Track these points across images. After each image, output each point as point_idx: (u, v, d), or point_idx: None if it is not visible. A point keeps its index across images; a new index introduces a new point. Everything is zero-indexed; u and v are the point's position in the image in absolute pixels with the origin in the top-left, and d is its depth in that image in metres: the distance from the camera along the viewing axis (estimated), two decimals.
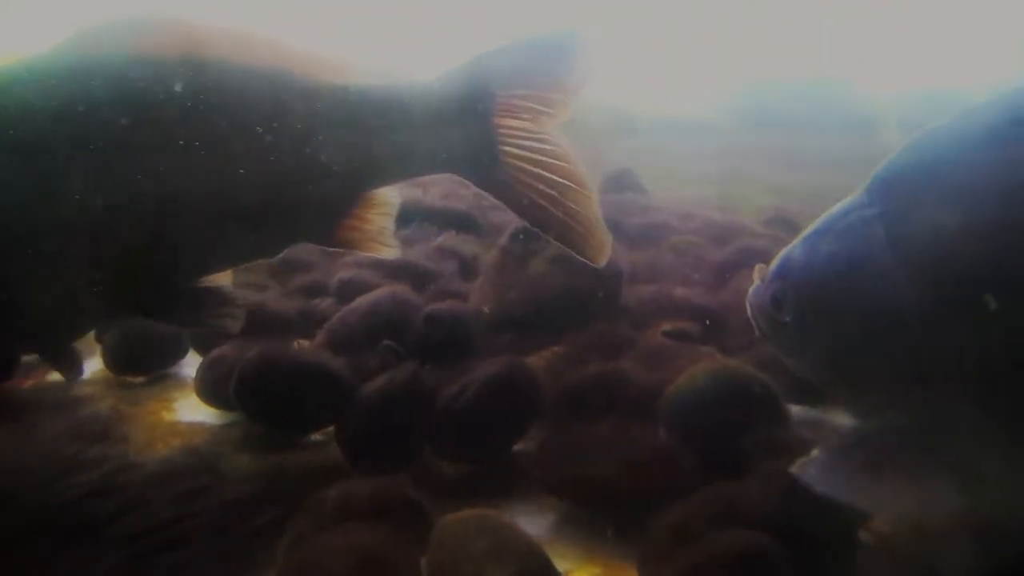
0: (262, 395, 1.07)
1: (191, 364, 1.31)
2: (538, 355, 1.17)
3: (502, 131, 0.84)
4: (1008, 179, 0.56)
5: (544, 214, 0.85)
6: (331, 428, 1.06)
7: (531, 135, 0.83)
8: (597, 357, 1.13)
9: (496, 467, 1.01)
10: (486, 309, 1.31)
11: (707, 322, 1.27)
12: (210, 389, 1.17)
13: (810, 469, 0.64)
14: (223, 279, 0.95)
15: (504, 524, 0.75)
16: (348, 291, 1.43)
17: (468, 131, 0.85)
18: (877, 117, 3.66)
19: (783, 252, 0.73)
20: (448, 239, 1.73)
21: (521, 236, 1.43)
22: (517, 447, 1.03)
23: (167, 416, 1.18)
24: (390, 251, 0.94)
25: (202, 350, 1.31)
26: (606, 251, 0.86)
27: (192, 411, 1.19)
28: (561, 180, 0.83)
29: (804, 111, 3.95)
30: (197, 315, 0.89)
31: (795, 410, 1.00)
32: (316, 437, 1.12)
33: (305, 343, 1.28)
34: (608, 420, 0.96)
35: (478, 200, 2.08)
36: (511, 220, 1.45)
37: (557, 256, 1.37)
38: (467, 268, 1.61)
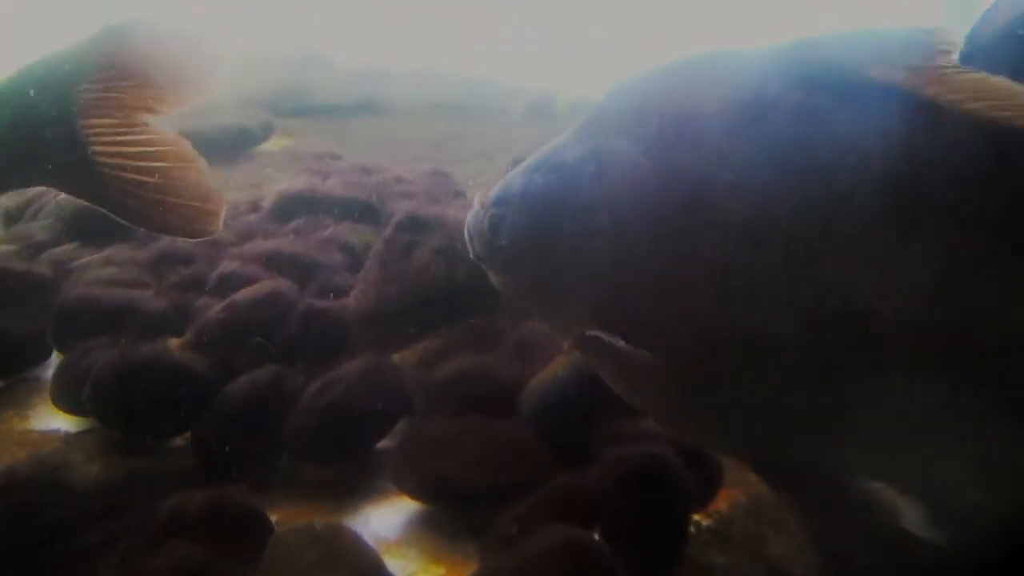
0: (116, 400, 1.02)
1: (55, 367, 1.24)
2: (411, 350, 1.15)
3: (89, 132, 0.76)
4: (702, 129, 0.59)
5: (149, 208, 0.77)
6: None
7: (124, 131, 0.76)
8: (470, 351, 1.12)
9: (358, 467, 0.99)
10: (365, 303, 1.27)
11: None
12: (66, 394, 1.11)
13: None
14: None
15: (339, 532, 0.73)
16: (229, 285, 1.37)
17: (49, 137, 0.75)
18: None
19: (503, 180, 0.74)
20: (339, 230, 1.67)
21: (406, 227, 1.41)
22: (383, 445, 1.01)
23: (19, 425, 1.12)
24: None
25: (67, 351, 1.24)
26: (218, 219, 0.79)
27: (48, 419, 1.13)
28: (163, 165, 0.76)
29: None
30: None
31: None
32: (179, 442, 1.08)
33: (176, 342, 1.23)
34: (471, 416, 0.95)
35: (382, 189, 2.04)
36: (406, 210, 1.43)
37: (440, 247, 1.35)
38: (357, 260, 1.57)
